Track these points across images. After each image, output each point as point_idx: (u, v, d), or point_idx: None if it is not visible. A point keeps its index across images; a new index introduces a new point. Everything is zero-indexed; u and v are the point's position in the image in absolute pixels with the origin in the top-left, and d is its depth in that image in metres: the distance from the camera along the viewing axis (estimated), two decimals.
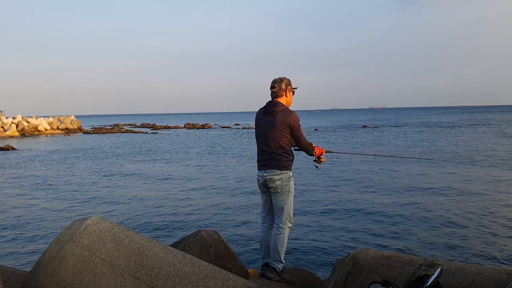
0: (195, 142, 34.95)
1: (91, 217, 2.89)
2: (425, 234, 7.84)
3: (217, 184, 13.91)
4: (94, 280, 2.62)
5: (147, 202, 11.29)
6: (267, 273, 3.77)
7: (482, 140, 28.83)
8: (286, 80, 3.80)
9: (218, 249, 4.11)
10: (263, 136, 3.77)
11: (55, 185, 14.23)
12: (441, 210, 9.55)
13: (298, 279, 3.85)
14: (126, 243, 2.81)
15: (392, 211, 9.58)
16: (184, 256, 2.99)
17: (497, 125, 48.96)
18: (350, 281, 3.45)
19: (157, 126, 70.26)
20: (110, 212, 10.27)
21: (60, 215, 10.00)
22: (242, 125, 71.11)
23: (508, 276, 2.98)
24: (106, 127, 65.79)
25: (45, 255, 2.73)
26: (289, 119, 3.64)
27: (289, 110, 3.73)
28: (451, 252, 6.86)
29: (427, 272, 3.10)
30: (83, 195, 12.46)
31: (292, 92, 3.85)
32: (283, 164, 3.70)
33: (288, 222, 3.77)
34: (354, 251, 3.74)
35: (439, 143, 27.36)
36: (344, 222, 8.79)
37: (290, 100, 3.83)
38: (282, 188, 3.72)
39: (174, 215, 9.76)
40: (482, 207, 9.76)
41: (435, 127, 48.83)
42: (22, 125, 47.45)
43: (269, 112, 3.72)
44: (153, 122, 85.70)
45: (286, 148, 3.71)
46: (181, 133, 50.75)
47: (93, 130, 56.44)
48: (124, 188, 13.48)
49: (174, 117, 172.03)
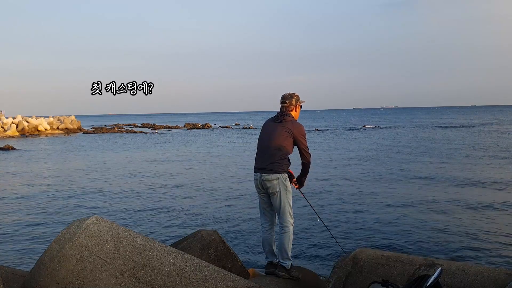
0: (195, 142, 34.95)
1: (91, 217, 2.89)
2: (425, 234, 7.84)
3: (217, 184, 13.91)
4: (94, 280, 2.62)
5: (147, 202, 11.29)
6: (276, 271, 3.90)
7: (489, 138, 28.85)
8: (296, 96, 4.04)
9: (218, 249, 4.11)
10: (266, 139, 3.92)
11: (55, 185, 14.23)
12: (441, 210, 9.55)
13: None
14: (126, 243, 2.81)
15: (392, 211, 9.58)
16: (184, 256, 2.99)
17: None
18: (350, 281, 3.45)
19: (157, 126, 70.27)
20: (110, 212, 10.27)
21: (60, 215, 10.00)
22: (242, 125, 71.12)
23: (508, 276, 2.98)
24: (106, 127, 65.79)
25: (45, 255, 2.73)
26: (295, 129, 3.86)
27: (297, 122, 3.98)
28: (451, 252, 6.86)
29: (427, 272, 3.11)
30: (83, 195, 12.46)
31: (300, 106, 4.10)
32: (281, 168, 3.85)
33: (291, 220, 3.90)
34: (354, 251, 3.74)
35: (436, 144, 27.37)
36: (344, 222, 8.79)
37: (298, 114, 4.10)
38: (280, 188, 3.82)
39: (174, 215, 9.76)
40: (482, 207, 9.76)
41: (437, 127, 48.83)
42: (22, 125, 47.43)
43: (279, 120, 3.94)
44: (153, 122, 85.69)
45: (285, 154, 3.86)
46: (181, 133, 50.75)
47: (93, 130, 56.45)
48: (124, 188, 13.47)
49: (174, 117, 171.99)
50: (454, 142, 27.69)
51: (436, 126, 51.30)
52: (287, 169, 3.92)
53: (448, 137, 32.31)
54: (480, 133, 35.69)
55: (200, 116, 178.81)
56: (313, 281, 4.06)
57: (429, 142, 28.91)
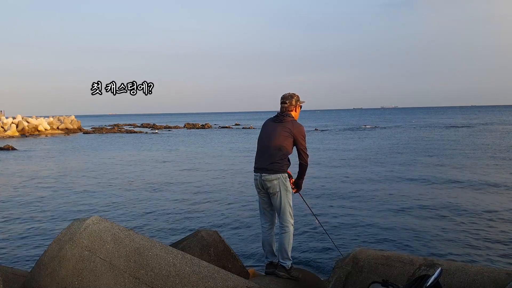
0: (195, 142, 34.95)
1: (91, 217, 2.89)
2: (425, 234, 7.84)
3: (217, 184, 13.91)
4: (94, 280, 2.62)
5: (147, 202, 11.29)
6: (276, 271, 3.91)
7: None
8: (296, 96, 4.04)
9: (218, 249, 4.12)
10: (266, 139, 3.93)
11: (55, 185, 14.23)
12: (441, 210, 9.54)
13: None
14: (126, 243, 2.81)
15: (392, 211, 9.58)
16: (184, 256, 2.99)
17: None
18: (350, 281, 3.45)
19: (157, 126, 70.27)
20: (110, 212, 10.27)
21: (60, 215, 9.99)
22: (242, 125, 71.11)
23: (508, 276, 2.98)
24: (106, 127, 65.78)
25: (45, 255, 2.73)
26: (295, 129, 3.86)
27: (297, 122, 3.98)
28: (451, 252, 6.85)
29: (427, 272, 3.11)
30: (83, 195, 12.45)
31: (300, 106, 4.09)
32: (281, 168, 3.85)
33: (291, 220, 3.91)
34: (354, 251, 3.74)
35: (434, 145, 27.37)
36: (344, 222, 8.79)
37: (298, 114, 4.09)
38: (280, 188, 3.83)
39: (174, 215, 9.76)
40: (482, 207, 9.76)
41: (436, 127, 48.83)
42: (22, 125, 47.42)
43: (279, 120, 3.94)
44: (153, 122, 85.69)
45: (285, 154, 3.86)
46: (181, 133, 50.75)
47: (93, 130, 56.45)
48: (124, 188, 13.47)
49: (174, 117, 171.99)
50: (454, 142, 27.69)
51: (436, 126, 51.28)
52: (287, 169, 3.93)
53: (448, 137, 32.31)
54: (480, 133, 35.68)
55: (200, 116, 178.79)
56: (313, 281, 4.07)
57: (429, 142, 28.91)
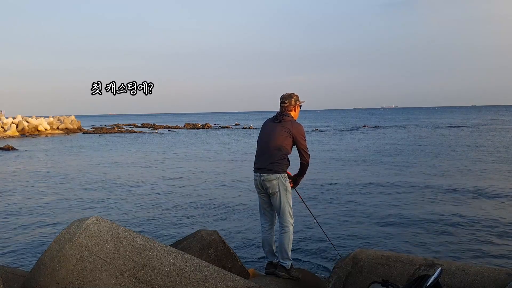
0: (195, 142, 34.95)
1: (91, 217, 2.89)
2: (425, 234, 7.84)
3: (217, 184, 13.91)
4: (94, 280, 2.62)
5: (147, 202, 11.29)
6: (276, 271, 3.91)
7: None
8: (295, 96, 4.04)
9: (218, 249, 4.12)
10: (266, 139, 3.92)
11: (54, 185, 14.23)
12: (441, 210, 9.54)
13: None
14: (126, 243, 2.81)
15: (392, 211, 9.58)
16: (184, 256, 2.99)
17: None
18: (350, 281, 3.45)
19: (157, 126, 70.27)
20: (110, 212, 10.27)
21: (60, 215, 9.99)
22: (242, 125, 71.11)
23: (508, 276, 2.98)
24: (106, 127, 65.78)
25: (45, 255, 2.73)
26: (294, 129, 3.86)
27: (296, 122, 3.97)
28: (451, 252, 6.85)
29: (427, 272, 3.11)
30: (83, 194, 12.46)
31: (299, 106, 4.09)
32: (281, 168, 3.85)
33: (291, 220, 3.91)
34: (354, 251, 3.75)
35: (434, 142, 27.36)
36: (344, 222, 8.79)
37: (297, 114, 4.08)
38: (280, 188, 3.83)
39: (174, 215, 9.76)
40: (482, 207, 9.76)
41: (436, 127, 48.82)
42: (22, 125, 47.41)
43: (278, 120, 3.93)
44: (153, 122, 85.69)
45: (285, 154, 3.86)
46: (181, 133, 50.74)
47: (93, 130, 56.44)
48: (124, 188, 13.47)
49: (174, 117, 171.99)
50: (454, 142, 27.69)
51: (436, 126, 51.29)
52: (287, 169, 3.93)
53: (448, 137, 32.31)
54: (480, 133, 35.69)
55: (200, 116, 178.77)
56: (313, 281, 4.06)
57: (429, 142, 28.91)
